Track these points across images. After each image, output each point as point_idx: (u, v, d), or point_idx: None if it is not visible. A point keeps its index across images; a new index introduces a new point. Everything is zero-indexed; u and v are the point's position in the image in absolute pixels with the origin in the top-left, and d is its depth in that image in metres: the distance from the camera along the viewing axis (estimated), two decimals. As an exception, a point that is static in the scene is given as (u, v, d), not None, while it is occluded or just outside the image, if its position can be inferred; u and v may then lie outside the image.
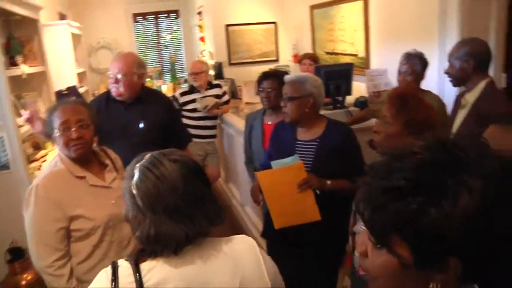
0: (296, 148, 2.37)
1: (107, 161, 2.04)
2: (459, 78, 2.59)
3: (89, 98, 5.52)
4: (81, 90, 5.06)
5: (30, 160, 3.37)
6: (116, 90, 2.71)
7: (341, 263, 2.39)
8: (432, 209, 0.67)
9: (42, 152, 3.59)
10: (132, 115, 2.75)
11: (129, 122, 2.73)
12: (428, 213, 0.67)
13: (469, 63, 2.50)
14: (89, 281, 1.17)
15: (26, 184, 2.73)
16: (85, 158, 1.95)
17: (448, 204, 0.67)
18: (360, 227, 1.85)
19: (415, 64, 3.13)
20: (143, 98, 2.81)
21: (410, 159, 0.72)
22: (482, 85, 2.51)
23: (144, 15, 8.47)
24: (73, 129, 1.86)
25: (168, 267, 1.12)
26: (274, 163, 2.27)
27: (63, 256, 1.83)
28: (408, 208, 0.69)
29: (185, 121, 4.48)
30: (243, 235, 1.29)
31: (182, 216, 1.12)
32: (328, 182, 2.25)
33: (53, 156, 2.63)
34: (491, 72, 3.72)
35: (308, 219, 2.24)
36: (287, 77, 2.44)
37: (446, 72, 2.65)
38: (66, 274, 1.83)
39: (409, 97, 1.79)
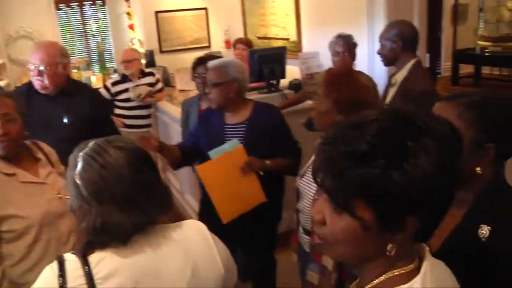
0: (225, 132, 2.37)
1: (40, 155, 1.91)
2: (389, 58, 2.70)
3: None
4: (0, 83, 4.72)
5: None
6: (40, 83, 2.51)
7: (276, 231, 2.54)
8: (395, 172, 0.69)
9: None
10: (56, 108, 2.56)
11: (52, 116, 2.54)
12: (391, 176, 0.69)
13: (398, 44, 2.62)
14: (30, 282, 1.11)
15: None
16: (14, 154, 1.80)
17: (409, 165, 0.69)
18: (303, 204, 1.89)
19: (350, 44, 3.24)
20: (68, 91, 2.62)
21: (369, 125, 0.73)
22: (409, 65, 2.63)
23: (67, 2, 8.05)
24: None
25: (118, 258, 1.08)
26: (212, 153, 2.22)
27: None
28: (372, 172, 0.70)
29: (118, 111, 4.34)
30: (192, 220, 1.27)
31: (130, 205, 1.08)
32: (267, 162, 2.27)
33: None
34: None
35: (255, 203, 2.24)
36: (210, 63, 2.43)
37: (378, 53, 2.76)
38: None
39: (341, 77, 1.84)
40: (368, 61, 3.78)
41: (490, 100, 1.20)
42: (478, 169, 1.14)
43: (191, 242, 1.17)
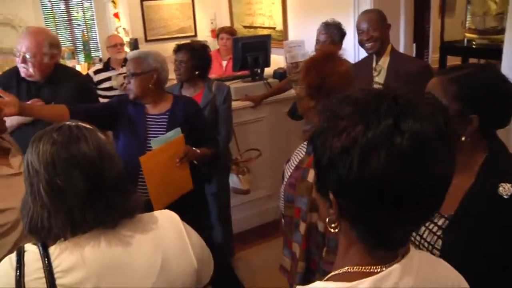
0: (147, 122, 2.37)
1: (7, 145, 1.81)
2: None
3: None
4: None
5: None
6: (25, 70, 2.49)
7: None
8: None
9: None
10: (43, 95, 2.54)
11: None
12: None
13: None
14: None
15: None
16: None
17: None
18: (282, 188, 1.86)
19: (334, 34, 3.21)
20: (56, 79, 2.60)
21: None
22: (388, 50, 2.73)
23: (51, -11, 7.90)
24: None
25: (80, 250, 1.02)
26: (154, 142, 2.21)
27: None
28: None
29: (100, 100, 4.26)
30: (167, 211, 1.23)
31: (53, 205, 1.03)
32: (198, 151, 2.34)
33: None
34: (402, 42, 3.92)
35: (183, 190, 2.29)
36: (130, 54, 2.47)
37: (369, 38, 2.76)
38: None
39: (315, 62, 1.80)
40: (355, 50, 3.76)
41: (473, 75, 1.28)
42: (463, 138, 1.24)
43: (163, 234, 1.14)
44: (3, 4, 7.20)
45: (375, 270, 0.75)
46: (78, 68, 6.72)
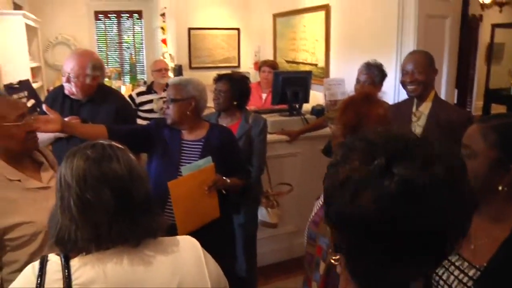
0: (182, 148, 2.40)
1: (42, 159, 1.89)
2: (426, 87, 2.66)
3: (43, 94, 5.32)
4: (34, 85, 4.85)
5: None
6: (69, 89, 2.66)
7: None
8: None
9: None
10: (84, 114, 2.68)
11: (81, 121, 2.63)
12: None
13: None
14: None
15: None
16: (18, 158, 1.78)
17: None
18: None
19: (375, 75, 3.18)
20: (97, 98, 2.74)
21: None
22: (431, 96, 2.61)
23: (106, 13, 8.31)
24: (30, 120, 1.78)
25: (100, 266, 1.05)
26: (185, 169, 2.23)
27: None
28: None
29: (140, 121, 4.38)
30: (188, 236, 1.25)
31: (81, 219, 1.07)
32: (228, 180, 2.35)
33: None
34: (443, 87, 3.87)
35: (210, 218, 2.31)
36: (171, 80, 2.52)
37: (412, 80, 2.67)
38: None
39: (354, 103, 1.81)
40: (395, 92, 3.74)
41: None
42: (500, 187, 1.21)
43: (181, 258, 1.16)
44: (63, 25, 7.65)
45: None
46: (123, 88, 6.97)
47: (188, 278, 1.14)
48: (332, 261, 0.79)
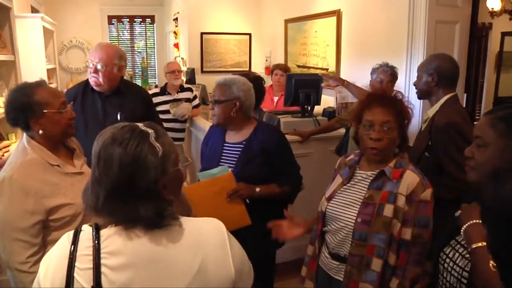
0: (223, 151, 2.40)
1: (74, 145, 2.01)
2: (422, 91, 2.63)
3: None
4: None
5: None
6: (96, 80, 2.69)
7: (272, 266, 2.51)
8: None
9: (4, 143, 3.51)
10: (110, 106, 2.74)
11: (106, 113, 2.72)
12: None
13: (434, 78, 2.53)
14: None
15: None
16: (56, 145, 1.90)
17: None
18: (334, 227, 1.87)
19: (394, 76, 3.27)
20: (122, 91, 2.80)
21: None
22: (443, 100, 2.54)
23: (119, 18, 8.44)
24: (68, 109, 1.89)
25: (124, 238, 1.11)
26: (201, 175, 2.24)
27: (38, 251, 1.74)
28: None
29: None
30: (215, 219, 1.26)
31: (115, 199, 1.13)
32: (257, 189, 2.27)
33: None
34: (453, 91, 3.90)
35: (238, 225, 2.19)
36: (216, 80, 2.44)
37: (414, 84, 2.70)
38: None
39: (370, 97, 1.92)
40: (405, 94, 3.80)
41: None
42: None
43: (206, 239, 1.18)
44: (77, 29, 7.79)
45: None
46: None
47: (210, 259, 1.15)
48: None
